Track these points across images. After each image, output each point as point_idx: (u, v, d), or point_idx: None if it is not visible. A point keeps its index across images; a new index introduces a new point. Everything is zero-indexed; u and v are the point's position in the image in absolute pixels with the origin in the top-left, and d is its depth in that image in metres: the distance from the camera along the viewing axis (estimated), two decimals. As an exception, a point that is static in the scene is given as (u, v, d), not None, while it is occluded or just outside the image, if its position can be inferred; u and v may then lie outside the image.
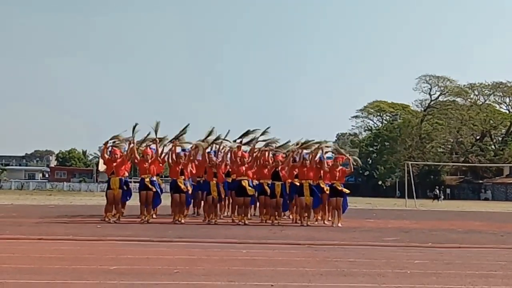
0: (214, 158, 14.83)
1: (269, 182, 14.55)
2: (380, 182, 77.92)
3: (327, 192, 14.66)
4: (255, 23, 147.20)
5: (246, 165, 14.60)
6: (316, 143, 15.18)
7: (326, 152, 15.52)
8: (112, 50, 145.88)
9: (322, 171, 14.83)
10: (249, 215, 15.18)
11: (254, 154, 14.98)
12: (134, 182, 17.33)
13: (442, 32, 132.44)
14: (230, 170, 15.29)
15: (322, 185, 14.71)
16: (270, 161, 14.84)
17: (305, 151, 15.17)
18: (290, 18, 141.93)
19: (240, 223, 14.19)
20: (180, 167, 14.52)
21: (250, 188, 14.41)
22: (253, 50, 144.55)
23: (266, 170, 14.65)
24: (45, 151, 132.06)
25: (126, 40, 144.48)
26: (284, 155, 15.26)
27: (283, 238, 10.93)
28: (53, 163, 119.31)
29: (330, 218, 15.05)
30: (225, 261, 7.66)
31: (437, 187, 59.63)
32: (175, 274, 6.58)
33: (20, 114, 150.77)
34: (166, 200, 15.68)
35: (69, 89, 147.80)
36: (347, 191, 14.81)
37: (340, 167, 14.86)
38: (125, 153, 14.68)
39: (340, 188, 14.60)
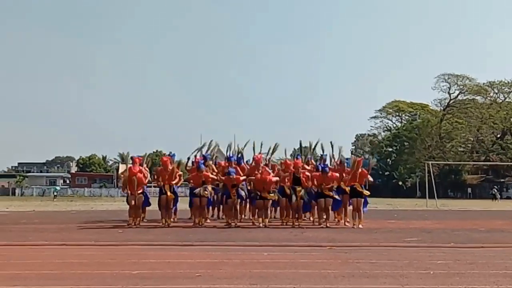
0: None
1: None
2: (400, 183, 77.43)
3: (347, 192, 14.61)
4: (270, 24, 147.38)
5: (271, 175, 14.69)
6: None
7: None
8: (128, 60, 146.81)
9: (344, 174, 14.80)
10: (269, 217, 15.20)
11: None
12: (154, 187, 17.49)
13: (460, 30, 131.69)
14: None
15: (343, 187, 14.64)
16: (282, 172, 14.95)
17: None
18: (306, 16, 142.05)
19: (261, 225, 14.18)
20: (202, 178, 14.65)
21: (270, 195, 14.44)
22: (269, 52, 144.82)
23: (286, 179, 14.72)
24: (65, 158, 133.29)
25: (141, 46, 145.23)
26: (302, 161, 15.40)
27: (304, 240, 10.91)
28: (74, 169, 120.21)
29: (349, 220, 15.00)
30: (246, 264, 7.65)
31: (495, 186, 59.31)
32: (197, 277, 6.58)
33: (40, 121, 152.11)
34: (184, 203, 15.79)
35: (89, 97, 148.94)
36: (367, 192, 14.74)
37: (360, 170, 14.80)
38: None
39: (360, 189, 14.53)
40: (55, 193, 59.17)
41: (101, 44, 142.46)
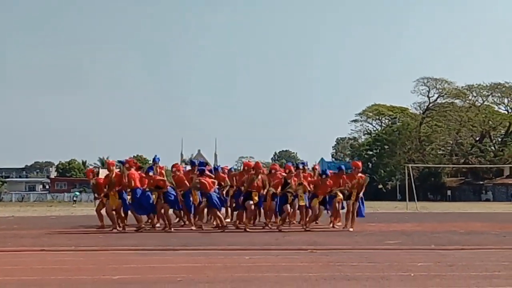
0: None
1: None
2: (380, 186, 77.87)
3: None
4: (257, 25, 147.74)
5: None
6: None
7: None
8: (106, 65, 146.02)
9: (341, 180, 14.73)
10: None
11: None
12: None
13: (439, 34, 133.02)
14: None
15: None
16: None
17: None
18: (290, 21, 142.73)
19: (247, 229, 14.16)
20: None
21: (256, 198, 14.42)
22: (251, 51, 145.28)
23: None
24: (45, 163, 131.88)
25: (132, 54, 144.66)
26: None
27: (285, 244, 10.92)
28: (53, 174, 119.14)
29: (339, 223, 15.11)
30: (228, 268, 7.65)
31: None
32: (179, 282, 6.57)
33: (19, 125, 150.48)
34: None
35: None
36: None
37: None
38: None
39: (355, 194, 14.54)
40: (75, 198, 58.55)
41: (88, 51, 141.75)
